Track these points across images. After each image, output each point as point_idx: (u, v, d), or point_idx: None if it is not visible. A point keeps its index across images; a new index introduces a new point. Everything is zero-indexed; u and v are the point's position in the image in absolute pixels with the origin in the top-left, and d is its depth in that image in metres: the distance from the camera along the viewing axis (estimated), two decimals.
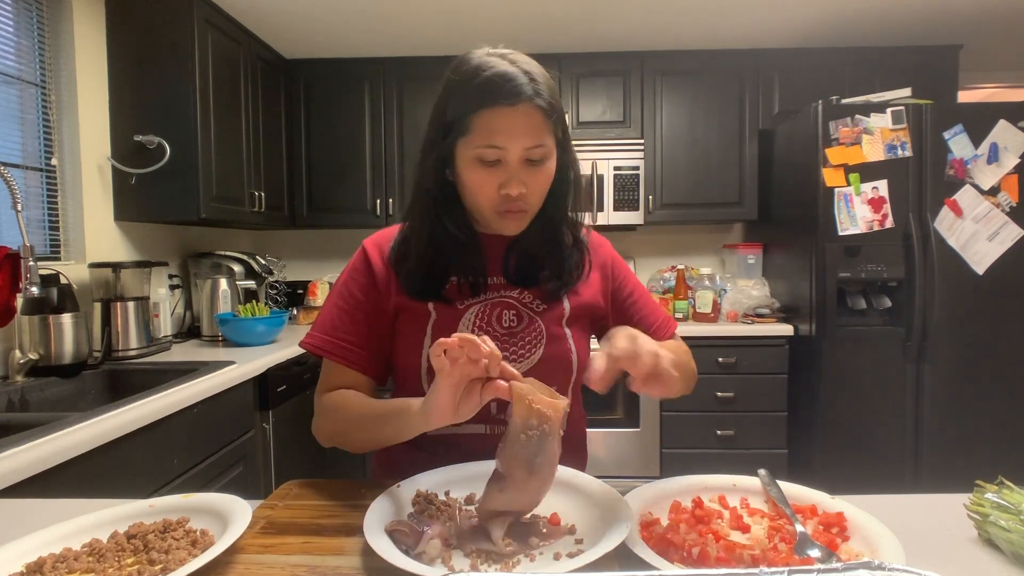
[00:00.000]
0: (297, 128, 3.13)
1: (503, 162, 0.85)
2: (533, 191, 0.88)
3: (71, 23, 2.13)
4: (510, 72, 0.83)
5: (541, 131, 0.84)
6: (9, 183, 1.53)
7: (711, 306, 2.89)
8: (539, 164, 0.87)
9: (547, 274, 0.97)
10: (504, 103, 0.82)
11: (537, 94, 0.83)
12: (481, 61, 0.85)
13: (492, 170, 0.85)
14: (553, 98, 0.85)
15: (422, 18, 2.70)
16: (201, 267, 2.69)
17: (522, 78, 0.83)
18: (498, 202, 0.87)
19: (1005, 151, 2.45)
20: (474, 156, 0.85)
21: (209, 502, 0.78)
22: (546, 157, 0.87)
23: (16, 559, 0.66)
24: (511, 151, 0.84)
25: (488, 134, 0.83)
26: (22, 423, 1.34)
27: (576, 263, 0.99)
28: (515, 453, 0.69)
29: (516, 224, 0.91)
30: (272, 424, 2.12)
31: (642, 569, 0.61)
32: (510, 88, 0.82)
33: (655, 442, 2.81)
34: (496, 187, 0.86)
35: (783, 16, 2.75)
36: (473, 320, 0.94)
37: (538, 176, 0.87)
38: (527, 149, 0.84)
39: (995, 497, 0.69)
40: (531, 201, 0.89)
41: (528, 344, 0.94)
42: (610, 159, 2.99)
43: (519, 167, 0.85)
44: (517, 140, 0.83)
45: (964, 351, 2.49)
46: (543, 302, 0.97)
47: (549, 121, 0.85)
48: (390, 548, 0.64)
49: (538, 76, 0.85)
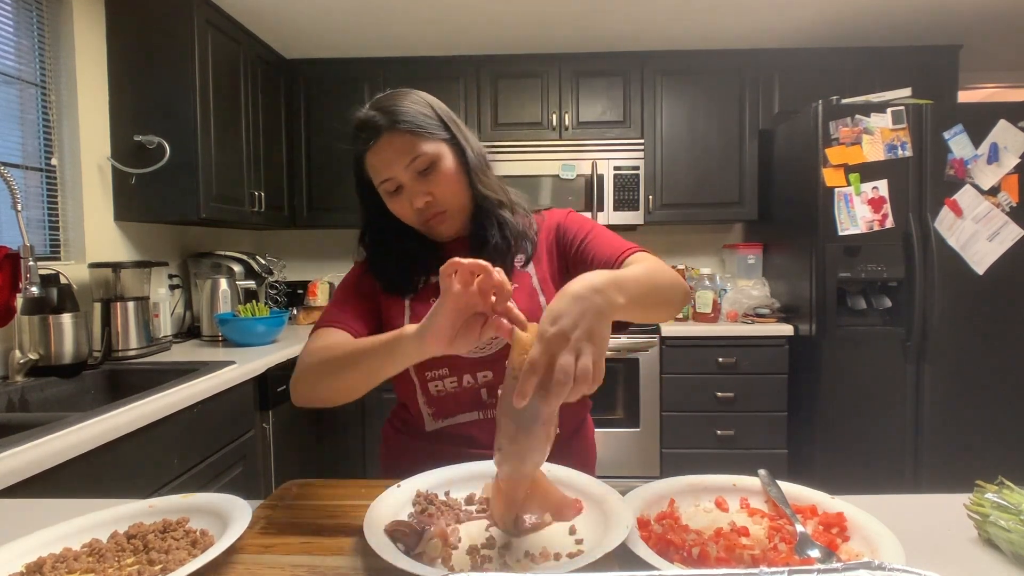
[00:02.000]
0: (297, 128, 3.13)
1: (401, 185, 0.94)
2: (441, 193, 0.95)
3: (71, 23, 2.13)
4: (364, 117, 0.94)
5: (411, 147, 0.93)
6: (9, 183, 1.53)
7: (711, 306, 2.89)
8: (431, 170, 0.94)
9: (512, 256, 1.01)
10: (369, 143, 0.93)
11: (393, 123, 0.92)
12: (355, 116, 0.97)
13: (399, 196, 0.96)
14: (416, 113, 0.94)
15: (422, 18, 2.70)
16: (201, 267, 2.69)
17: (376, 117, 0.93)
18: (416, 217, 0.97)
19: (1005, 151, 2.45)
20: (382, 191, 0.97)
21: (209, 502, 0.78)
22: (434, 162, 0.94)
23: (16, 559, 0.66)
24: (399, 175, 0.94)
25: (375, 172, 0.95)
26: (22, 423, 1.34)
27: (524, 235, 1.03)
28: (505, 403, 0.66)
29: (443, 227, 0.99)
30: (272, 424, 2.12)
31: (642, 569, 0.61)
32: (367, 131, 0.93)
33: (655, 442, 2.81)
34: (409, 207, 0.96)
35: (783, 16, 2.75)
36: None
37: (437, 179, 0.95)
38: (407, 168, 0.93)
39: (995, 497, 0.69)
40: (444, 202, 0.96)
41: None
42: (610, 159, 2.99)
43: (415, 182, 0.94)
44: (395, 166, 0.93)
45: (964, 351, 2.49)
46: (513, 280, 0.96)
47: (416, 134, 0.93)
48: (390, 548, 0.64)
49: (395, 106, 0.93)
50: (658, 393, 2.80)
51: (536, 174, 2.99)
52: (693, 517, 0.76)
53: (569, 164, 2.99)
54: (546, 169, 2.99)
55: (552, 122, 3.09)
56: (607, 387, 2.81)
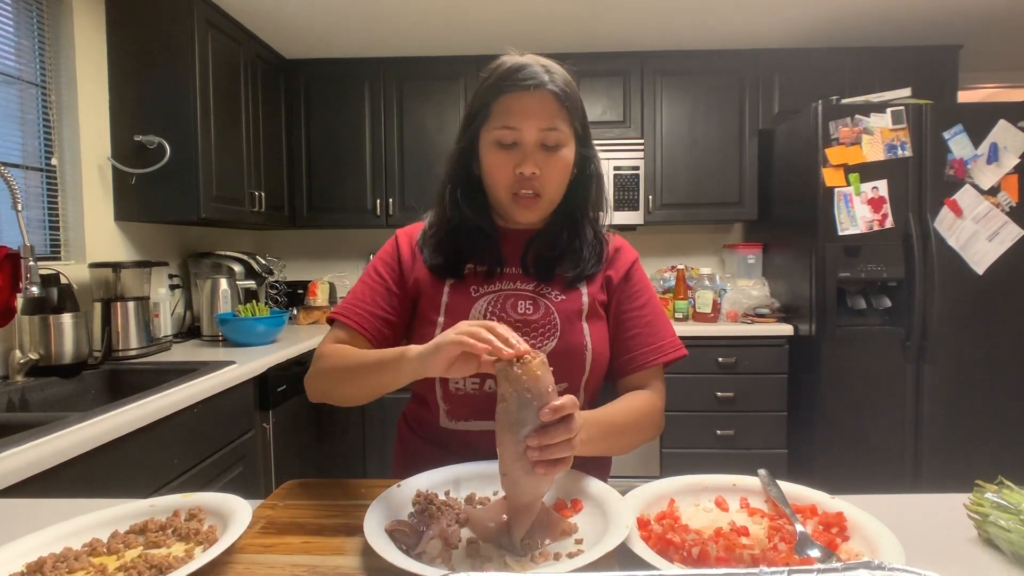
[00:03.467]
0: (297, 128, 3.13)
1: (519, 144, 0.91)
2: (548, 177, 0.92)
3: (71, 23, 2.13)
4: (525, 62, 0.91)
5: (555, 115, 0.90)
6: (9, 183, 1.53)
7: (711, 306, 2.89)
8: (554, 150, 0.92)
9: (565, 267, 0.99)
10: (519, 88, 0.89)
11: (552, 81, 0.90)
12: (504, 59, 0.93)
13: (509, 152, 0.91)
14: (569, 88, 0.92)
15: (422, 18, 2.70)
16: (201, 267, 2.69)
17: (537, 67, 0.90)
18: (513, 182, 0.92)
19: (1005, 151, 2.45)
20: (493, 139, 0.92)
21: (209, 502, 0.78)
22: (561, 143, 0.92)
23: (16, 559, 0.66)
24: (526, 132, 0.90)
25: (505, 116, 0.90)
26: (22, 423, 1.34)
27: (594, 256, 1.01)
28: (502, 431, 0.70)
29: (529, 211, 0.95)
30: (272, 424, 2.12)
31: (642, 569, 0.61)
32: (525, 74, 0.89)
33: (655, 442, 2.81)
34: (512, 168, 0.91)
35: (783, 16, 2.75)
36: (486, 308, 0.96)
37: (553, 162, 0.92)
38: (541, 131, 0.90)
39: (995, 497, 0.69)
40: (546, 187, 0.93)
41: (541, 334, 0.95)
42: (610, 159, 2.99)
43: (534, 149, 0.91)
44: (531, 121, 0.89)
45: (964, 351, 2.49)
46: (560, 292, 0.98)
47: (564, 108, 0.91)
48: (390, 548, 0.64)
49: (554, 69, 0.92)
50: None
51: None
52: (693, 517, 0.76)
53: None
54: None
55: None
56: (607, 387, 2.80)
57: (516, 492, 0.69)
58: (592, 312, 0.99)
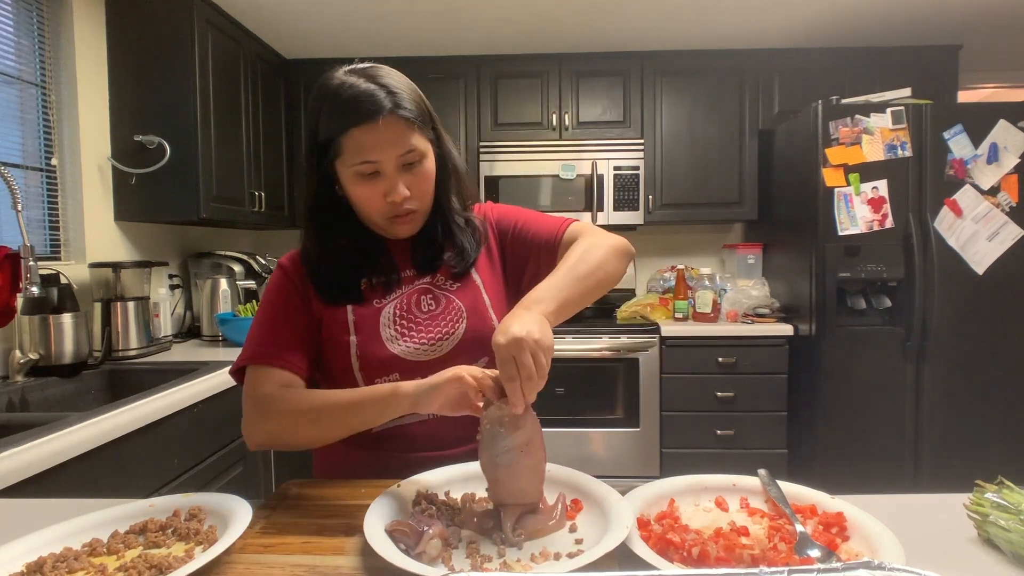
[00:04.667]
0: (297, 128, 3.13)
1: (381, 173, 0.89)
2: (417, 192, 0.92)
3: (71, 23, 2.13)
4: (368, 90, 0.86)
5: (408, 137, 0.88)
6: (9, 183, 1.53)
7: (711, 306, 2.89)
8: (416, 166, 0.91)
9: (450, 255, 1.01)
10: (367, 120, 0.85)
11: (397, 105, 0.87)
12: (341, 81, 0.89)
13: (373, 182, 0.90)
14: (417, 104, 0.90)
15: (421, 18, 2.70)
16: (201, 267, 2.69)
17: (380, 93, 0.86)
18: (386, 209, 0.92)
19: (1005, 151, 2.45)
20: (353, 173, 0.89)
21: (209, 502, 0.78)
22: (421, 158, 0.91)
23: (16, 559, 0.66)
24: (385, 162, 0.88)
25: (359, 151, 0.87)
26: (22, 423, 1.34)
27: (472, 240, 1.03)
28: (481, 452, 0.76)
29: (408, 227, 0.96)
30: None
31: (642, 569, 0.61)
32: (369, 106, 0.85)
33: (655, 442, 2.81)
34: (381, 196, 0.90)
35: (783, 16, 2.75)
36: (393, 313, 0.97)
37: (418, 178, 0.92)
38: (399, 156, 0.89)
39: (995, 497, 0.69)
40: (418, 202, 0.94)
41: (449, 322, 0.98)
42: (610, 159, 2.99)
43: (397, 174, 0.90)
44: (387, 151, 0.87)
45: (964, 351, 2.49)
46: (456, 282, 1.01)
47: (415, 126, 0.89)
48: (390, 548, 0.64)
49: (397, 87, 0.89)
50: (658, 393, 2.80)
51: (536, 174, 2.99)
52: (693, 517, 0.76)
53: (569, 164, 2.99)
54: (546, 169, 2.99)
55: (552, 122, 3.09)
56: (607, 387, 2.81)
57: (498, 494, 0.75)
58: (489, 289, 1.02)
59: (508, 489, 0.74)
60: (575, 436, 2.81)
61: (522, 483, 0.74)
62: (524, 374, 0.72)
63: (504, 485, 0.74)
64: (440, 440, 0.96)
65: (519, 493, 0.74)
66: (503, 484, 0.74)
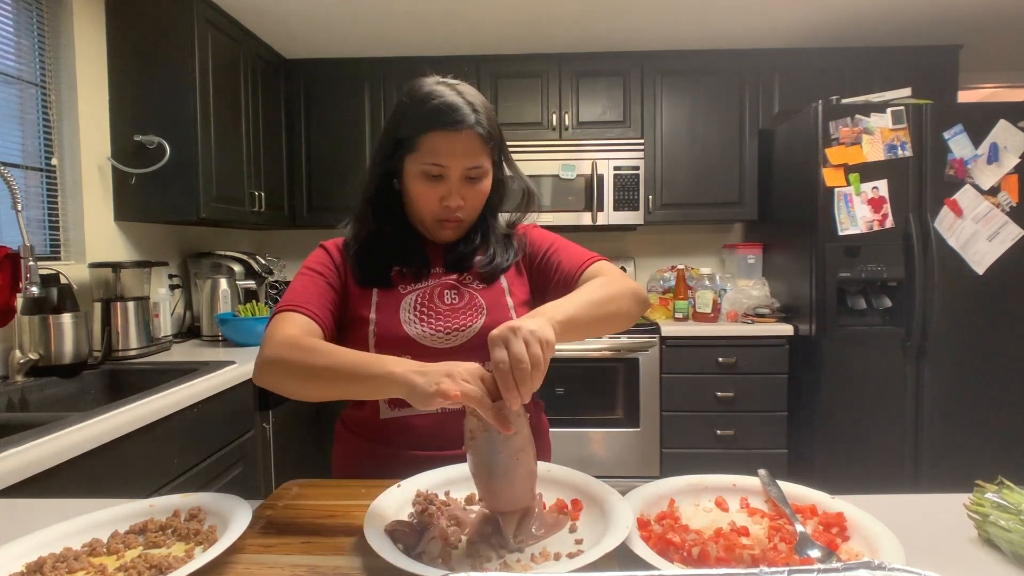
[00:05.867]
0: (297, 128, 3.13)
1: (445, 177, 0.97)
2: (470, 204, 1.01)
3: (71, 23, 2.13)
4: (456, 102, 0.95)
5: (479, 154, 0.97)
6: (9, 183, 1.53)
7: (711, 306, 2.89)
8: (476, 182, 1.00)
9: (480, 259, 1.07)
10: (449, 128, 0.94)
11: (478, 123, 0.96)
12: (432, 89, 0.98)
13: (435, 184, 0.98)
14: (492, 127, 0.99)
15: (422, 18, 2.70)
16: (201, 267, 2.69)
17: (466, 108, 0.95)
18: (438, 211, 1.00)
19: (1005, 151, 2.45)
20: (420, 171, 0.97)
21: (209, 502, 0.78)
22: (483, 176, 1.00)
23: (16, 559, 0.66)
24: (452, 169, 0.97)
25: (433, 154, 0.96)
26: (22, 423, 1.34)
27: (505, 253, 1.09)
28: (470, 460, 0.74)
29: (453, 232, 1.04)
30: (272, 424, 2.12)
31: (642, 569, 0.61)
32: (455, 116, 0.94)
33: (655, 442, 2.81)
34: (438, 199, 0.99)
35: (783, 16, 2.75)
36: (415, 301, 1.02)
37: (475, 192, 1.01)
38: (467, 169, 0.97)
39: (995, 497, 0.69)
40: (468, 213, 1.02)
41: (469, 315, 1.01)
42: (610, 159, 2.99)
43: (459, 183, 0.98)
44: (458, 160, 0.96)
45: (964, 351, 2.49)
46: (482, 283, 1.06)
47: (487, 146, 0.98)
48: (390, 548, 0.64)
49: (480, 107, 0.97)
50: (658, 393, 2.80)
51: (536, 174, 2.99)
52: (693, 517, 0.76)
53: (569, 164, 2.99)
54: (546, 169, 2.99)
55: (552, 122, 3.09)
56: (607, 387, 2.81)
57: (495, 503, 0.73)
58: (514, 294, 1.06)
59: (504, 498, 0.72)
60: (575, 436, 2.81)
61: (518, 490, 0.72)
62: (514, 360, 0.67)
63: (500, 495, 0.72)
64: (444, 439, 0.98)
65: (515, 500, 0.72)
66: (499, 494, 0.72)
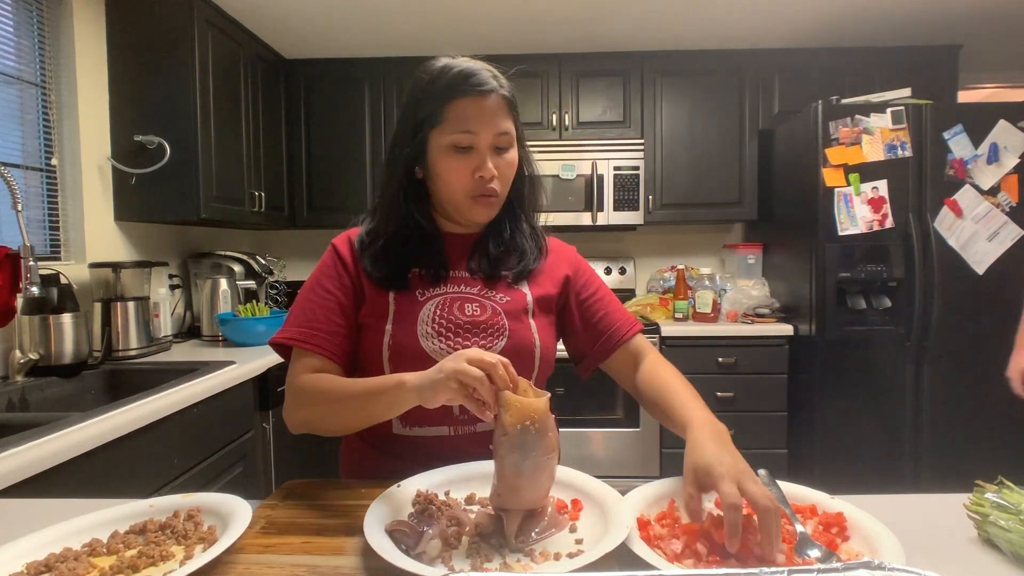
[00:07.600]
0: (297, 128, 3.13)
1: (475, 148, 0.93)
2: (502, 177, 0.96)
3: (71, 23, 2.13)
4: (476, 67, 0.94)
5: (506, 118, 0.94)
6: (9, 183, 1.53)
7: (711, 306, 2.89)
8: (505, 151, 0.96)
9: (510, 263, 1.02)
10: (475, 92, 0.91)
11: (501, 86, 0.94)
12: (447, 62, 0.95)
13: (465, 156, 0.93)
14: (513, 92, 0.96)
15: (422, 18, 2.70)
16: (201, 267, 2.69)
17: (486, 73, 0.94)
18: (472, 187, 0.94)
19: (1005, 151, 2.45)
20: (448, 144, 0.92)
21: (209, 502, 0.78)
22: (510, 145, 0.96)
23: (16, 559, 0.66)
24: (482, 136, 0.92)
25: (462, 120, 0.91)
26: (22, 423, 1.34)
27: (535, 251, 1.05)
28: (502, 455, 0.71)
29: (488, 210, 0.98)
30: (272, 424, 2.12)
31: (642, 569, 0.61)
32: (479, 79, 0.92)
33: (655, 442, 2.81)
34: (470, 172, 0.93)
35: (783, 16, 2.75)
36: (433, 311, 0.96)
37: (506, 163, 0.96)
38: (496, 135, 0.93)
39: (995, 497, 0.69)
40: (501, 186, 0.96)
41: (490, 334, 0.96)
42: (610, 159, 2.99)
43: (489, 152, 0.94)
44: (488, 125, 0.92)
45: (964, 351, 2.49)
46: (505, 294, 1.00)
47: (512, 112, 0.95)
48: (390, 548, 0.64)
49: (499, 73, 0.96)
50: None
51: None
52: None
53: (569, 164, 2.99)
54: (546, 169, 2.99)
55: (552, 122, 3.09)
56: (607, 387, 2.81)
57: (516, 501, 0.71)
58: (538, 310, 1.02)
59: (526, 496, 0.71)
60: (575, 436, 2.81)
61: (540, 490, 0.72)
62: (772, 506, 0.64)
63: (524, 492, 0.70)
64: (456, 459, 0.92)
65: (535, 500, 0.71)
66: (523, 491, 0.70)
